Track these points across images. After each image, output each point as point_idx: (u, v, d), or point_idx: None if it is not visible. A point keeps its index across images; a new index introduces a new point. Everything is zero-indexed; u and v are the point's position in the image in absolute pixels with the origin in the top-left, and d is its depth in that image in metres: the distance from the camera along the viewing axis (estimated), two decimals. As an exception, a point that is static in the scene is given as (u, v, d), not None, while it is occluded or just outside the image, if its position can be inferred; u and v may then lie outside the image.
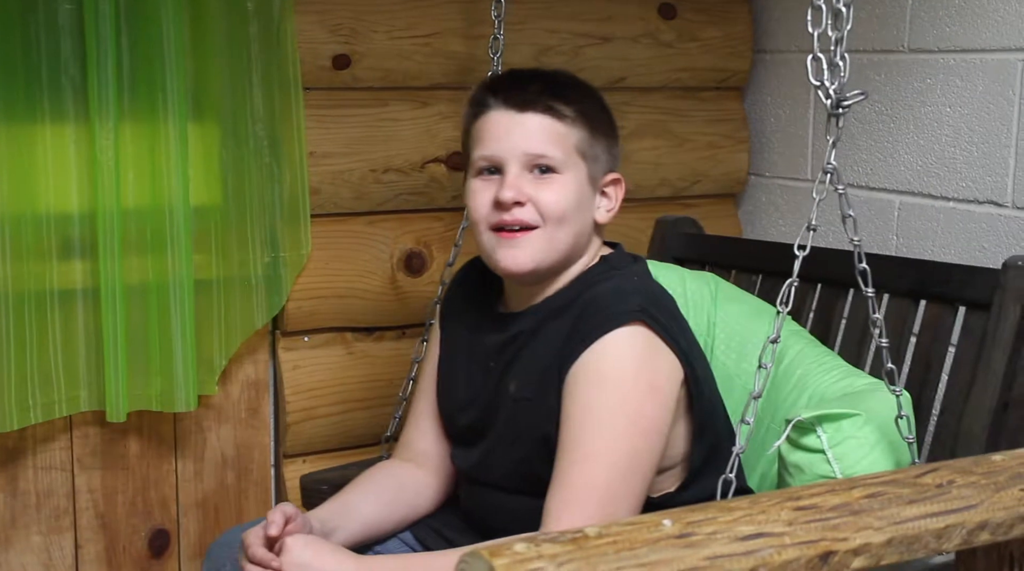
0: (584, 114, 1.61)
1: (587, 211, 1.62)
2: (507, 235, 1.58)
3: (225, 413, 2.28)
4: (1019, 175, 2.07)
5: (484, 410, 1.67)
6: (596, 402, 1.51)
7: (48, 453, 2.15)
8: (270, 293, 2.21)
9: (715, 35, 2.56)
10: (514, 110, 1.59)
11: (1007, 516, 1.08)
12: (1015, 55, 2.06)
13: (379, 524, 1.73)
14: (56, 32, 2.00)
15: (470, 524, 1.71)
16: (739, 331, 1.92)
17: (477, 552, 0.89)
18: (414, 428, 1.81)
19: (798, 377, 1.82)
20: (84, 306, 2.08)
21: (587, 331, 1.53)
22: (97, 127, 2.00)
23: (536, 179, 1.58)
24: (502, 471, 1.65)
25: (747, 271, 2.14)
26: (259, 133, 2.16)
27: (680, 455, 1.62)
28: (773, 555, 0.96)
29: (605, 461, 1.50)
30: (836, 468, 1.57)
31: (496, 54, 2.05)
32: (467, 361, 1.73)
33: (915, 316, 1.86)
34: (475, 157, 1.62)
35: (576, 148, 1.60)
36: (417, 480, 1.79)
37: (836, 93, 1.49)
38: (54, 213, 2.04)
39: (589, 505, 1.48)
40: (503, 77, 1.68)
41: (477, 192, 1.61)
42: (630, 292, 1.58)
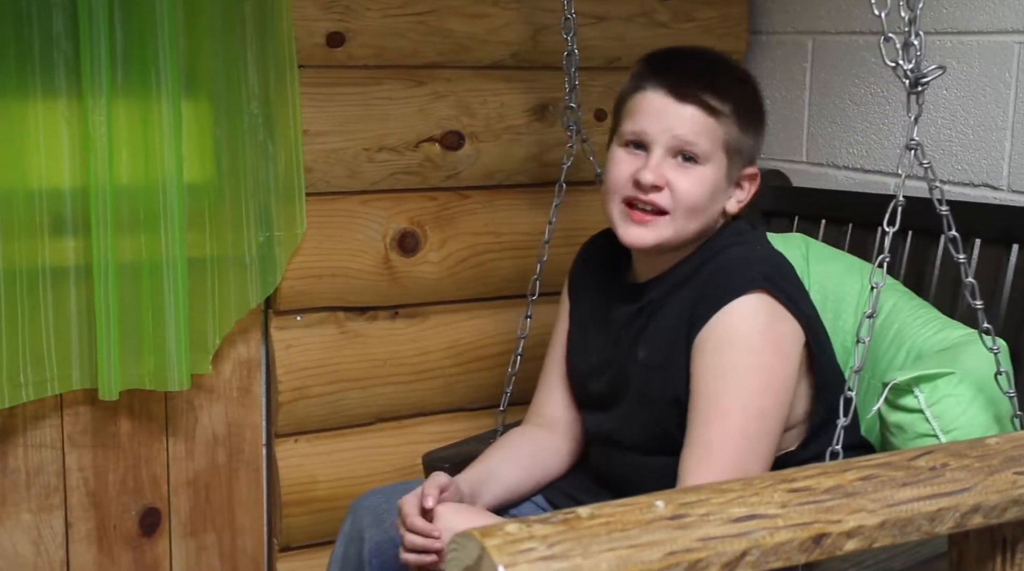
0: (738, 111, 1.65)
1: (719, 202, 1.67)
2: (637, 215, 1.64)
3: (217, 392, 2.27)
4: (1015, 158, 2.07)
5: (616, 377, 1.74)
6: (725, 364, 1.58)
7: (39, 431, 2.14)
8: (264, 272, 2.20)
9: (711, 15, 2.55)
10: (673, 97, 1.63)
11: (1000, 499, 1.08)
12: (1012, 37, 2.05)
13: (519, 487, 1.81)
14: (48, 7, 1.98)
15: (601, 485, 1.78)
16: (833, 289, 1.95)
17: (469, 533, 0.89)
18: (546, 395, 1.89)
19: (895, 332, 1.85)
20: (76, 284, 2.07)
21: (714, 298, 1.60)
22: (90, 103, 1.99)
23: (678, 165, 1.63)
24: (635, 433, 1.72)
25: (836, 222, 2.16)
26: (253, 111, 2.14)
27: (802, 415, 1.68)
28: (766, 537, 0.96)
29: (736, 419, 1.56)
30: (936, 426, 1.61)
31: (569, 34, 2.07)
32: (598, 330, 1.79)
33: (1007, 261, 1.87)
34: (625, 129, 1.66)
35: (723, 143, 1.64)
36: (550, 445, 1.86)
37: (913, 73, 1.52)
38: (46, 190, 2.03)
39: (723, 461, 1.54)
40: (669, 60, 1.70)
41: (619, 162, 1.66)
42: (754, 260, 1.64)
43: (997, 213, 1.94)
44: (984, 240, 1.90)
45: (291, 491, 2.31)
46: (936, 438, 1.61)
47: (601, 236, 1.87)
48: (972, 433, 1.60)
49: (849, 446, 1.58)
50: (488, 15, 2.32)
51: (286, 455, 2.31)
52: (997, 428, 1.63)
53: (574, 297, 1.87)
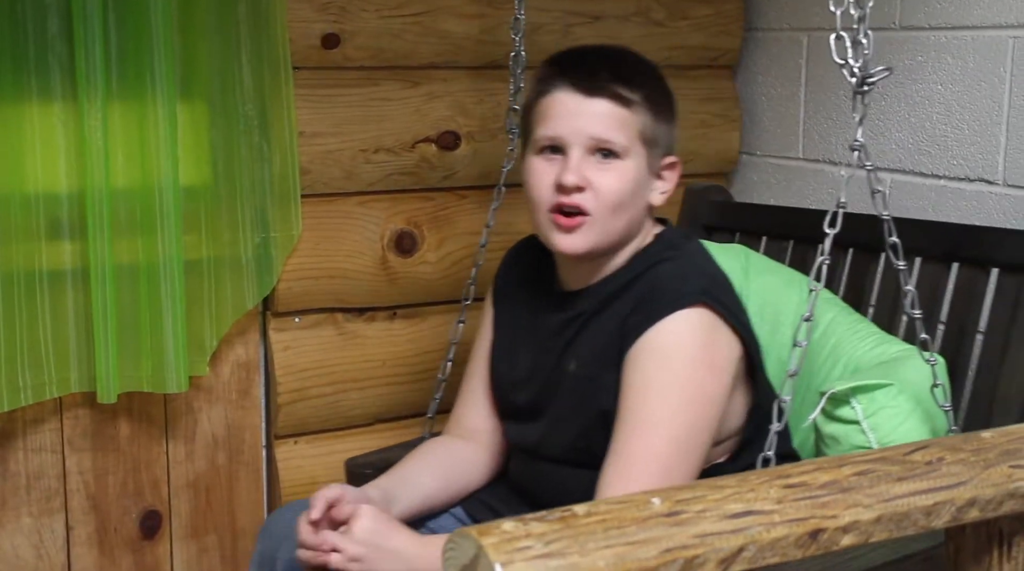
0: (649, 99, 1.63)
1: (643, 195, 1.65)
2: (564, 220, 1.60)
3: (216, 394, 2.27)
4: (1010, 153, 2.07)
5: (543, 387, 1.71)
6: (657, 376, 1.55)
7: (38, 435, 2.15)
8: (260, 273, 2.20)
9: (706, 13, 2.55)
10: (581, 94, 1.60)
11: (996, 493, 1.08)
12: (1006, 32, 2.06)
13: (437, 497, 1.78)
14: (43, 11, 1.98)
15: (522, 497, 1.75)
16: (772, 302, 1.94)
17: (466, 532, 0.89)
18: (467, 405, 1.86)
19: (832, 346, 1.84)
20: (74, 287, 2.08)
21: (651, 311, 1.57)
22: (85, 107, 1.99)
23: (598, 163, 1.60)
24: (560, 446, 1.69)
25: (778, 238, 2.15)
26: (249, 113, 2.15)
27: (734, 428, 1.66)
28: (762, 533, 0.96)
29: (664, 433, 1.54)
30: (872, 438, 1.60)
31: (518, 34, 2.05)
32: (526, 339, 1.76)
33: (947, 280, 1.86)
34: (538, 135, 1.63)
35: (640, 134, 1.62)
36: (470, 455, 1.83)
37: (861, 71, 1.51)
38: (42, 193, 2.03)
39: (646, 475, 1.51)
40: (571, 57, 1.68)
41: (538, 172, 1.63)
42: (692, 274, 1.62)
43: (939, 230, 1.92)
44: (925, 257, 1.88)
45: (291, 492, 2.31)
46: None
47: (526, 243, 1.83)
48: None
49: (779, 455, 1.55)
50: (483, 15, 2.32)
51: (286, 456, 2.31)
52: None
53: (499, 305, 1.83)
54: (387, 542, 1.53)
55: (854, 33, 1.50)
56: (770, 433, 1.51)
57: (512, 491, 1.79)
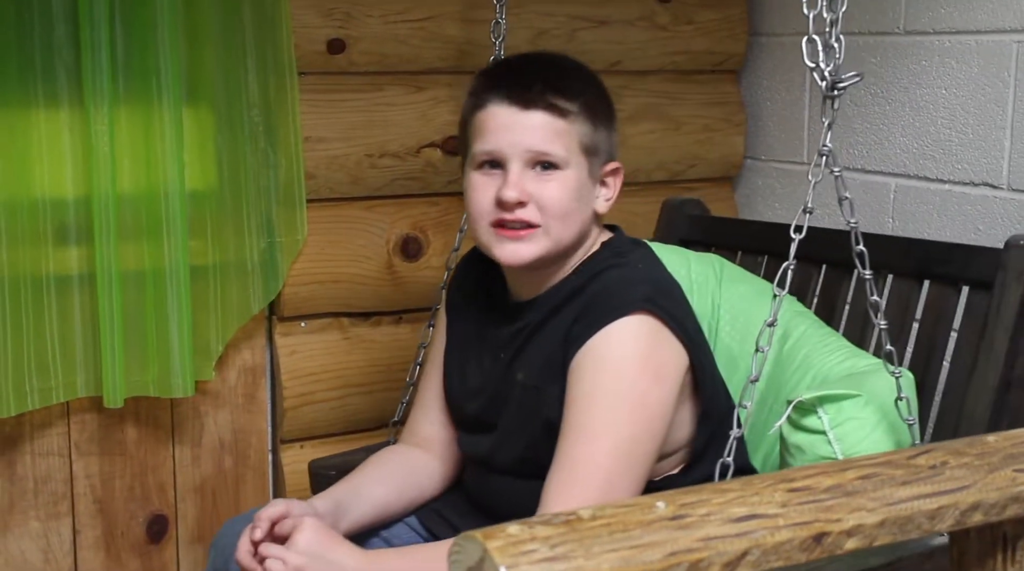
0: (586, 107, 1.60)
1: (588, 203, 1.62)
2: (508, 233, 1.58)
3: (222, 398, 2.28)
4: (1014, 157, 2.07)
5: (493, 399, 1.69)
6: (600, 386, 1.52)
7: (46, 439, 2.15)
8: (266, 278, 2.21)
9: (711, 18, 2.55)
10: (517, 107, 1.58)
11: (1000, 497, 1.08)
12: (1010, 36, 2.06)
13: (389, 507, 1.75)
14: (50, 17, 1.99)
15: (476, 508, 1.73)
16: (744, 311, 1.92)
17: (471, 535, 0.90)
18: (420, 414, 1.83)
19: (802, 358, 1.83)
20: (80, 292, 2.08)
21: (593, 319, 1.54)
22: (92, 112, 2.00)
23: (538, 176, 1.57)
24: (511, 458, 1.67)
25: (752, 252, 2.14)
26: (254, 118, 2.15)
27: (684, 439, 1.63)
28: (766, 536, 0.97)
29: (607, 443, 1.51)
30: (837, 449, 1.57)
31: (498, 39, 2.04)
32: (477, 350, 1.73)
33: (918, 296, 1.86)
34: (476, 150, 1.61)
35: (579, 143, 1.59)
36: (424, 465, 1.80)
37: (831, 75, 1.49)
38: (49, 199, 2.04)
39: (588, 486, 1.49)
40: (504, 70, 1.67)
41: (478, 187, 1.60)
42: (636, 281, 1.59)
43: (911, 247, 1.91)
44: (896, 274, 1.87)
45: (297, 496, 2.31)
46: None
47: (477, 253, 1.79)
48: None
49: (736, 471, 1.52)
50: (487, 20, 2.31)
51: (292, 460, 2.32)
52: None
53: (451, 316, 1.81)
54: (329, 554, 1.51)
55: (826, 37, 1.48)
56: (730, 439, 1.49)
57: (467, 502, 1.77)
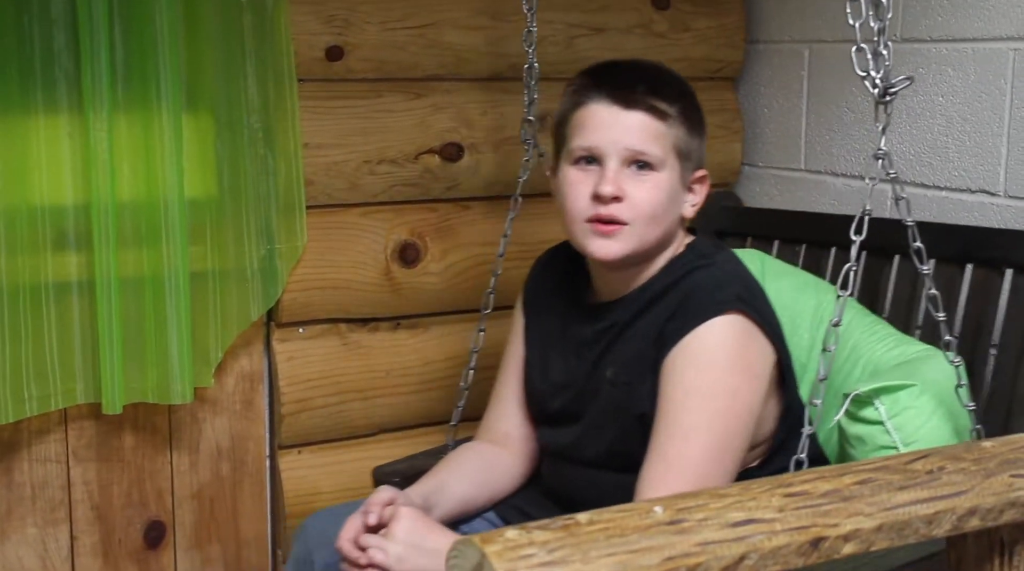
0: (683, 114, 1.66)
1: (676, 207, 1.68)
2: (601, 227, 1.63)
3: (220, 405, 2.28)
4: (1011, 164, 2.07)
5: (579, 393, 1.74)
6: (694, 382, 1.58)
7: (44, 445, 2.15)
8: (266, 285, 2.21)
9: (708, 25, 2.56)
10: (618, 106, 1.63)
11: (997, 502, 1.08)
12: (1007, 44, 2.06)
13: (471, 503, 1.80)
14: (49, 24, 2.00)
15: (553, 500, 1.78)
16: (788, 305, 1.95)
17: (469, 539, 0.90)
18: (499, 411, 1.89)
19: (851, 347, 1.86)
20: (79, 298, 2.08)
21: (687, 318, 1.60)
22: (91, 119, 2.00)
23: (634, 175, 1.63)
24: (596, 450, 1.72)
25: (790, 242, 2.17)
26: (254, 125, 2.16)
27: (767, 433, 1.69)
28: (764, 541, 0.97)
29: (701, 438, 1.56)
30: (896, 438, 1.62)
31: (530, 47, 2.06)
32: (560, 347, 1.78)
33: (962, 281, 1.88)
34: (574, 146, 1.66)
35: (674, 147, 1.65)
36: (502, 461, 1.86)
37: (882, 82, 1.53)
38: (48, 205, 2.04)
39: (683, 478, 1.53)
40: (608, 71, 1.71)
41: (574, 182, 1.65)
42: (726, 281, 1.65)
43: (953, 233, 1.94)
44: (940, 259, 1.89)
45: (295, 502, 2.32)
46: (896, 450, 1.61)
47: (554, 253, 1.86)
48: (932, 445, 1.59)
49: (809, 458, 1.56)
50: (486, 27, 2.33)
51: (289, 467, 2.32)
52: (956, 440, 1.63)
53: (529, 314, 1.86)
54: (426, 542, 1.55)
55: (874, 45, 1.52)
56: (802, 436, 1.53)
57: (544, 495, 1.82)
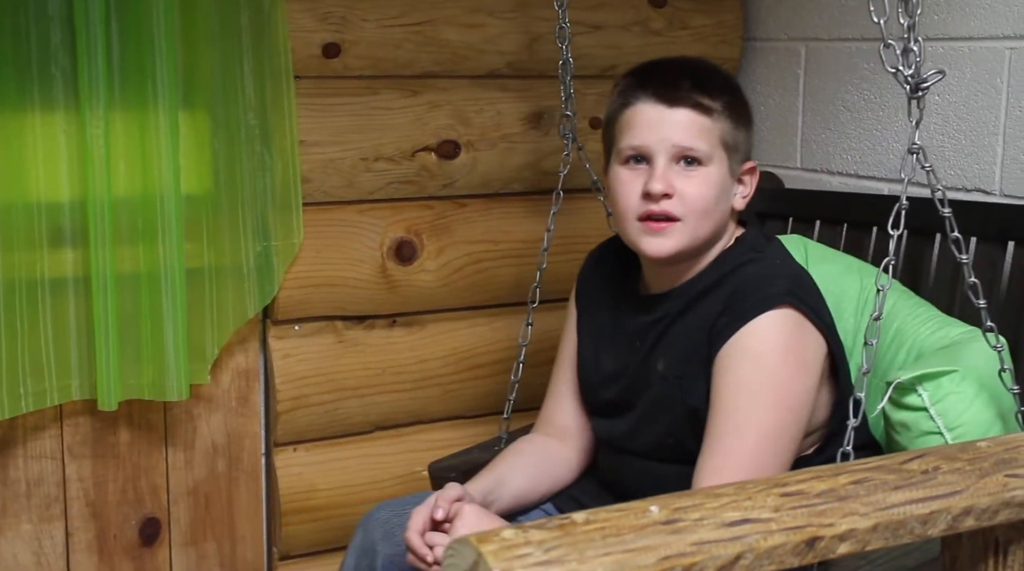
0: (729, 107, 1.68)
1: (727, 200, 1.70)
2: (653, 225, 1.65)
3: (216, 402, 2.28)
4: (1007, 163, 2.08)
5: (630, 385, 1.76)
6: (748, 377, 1.60)
7: (39, 442, 2.15)
8: (262, 282, 2.21)
9: (705, 23, 2.56)
10: (664, 104, 1.65)
11: (992, 502, 1.09)
12: (1003, 43, 2.07)
13: (528, 496, 1.82)
14: (46, 21, 1.99)
15: (609, 491, 1.80)
16: (833, 291, 1.95)
17: (466, 539, 0.90)
18: (555, 404, 1.91)
19: (895, 331, 1.87)
20: (75, 295, 2.08)
21: (739, 312, 1.61)
22: (87, 116, 2.00)
23: (682, 171, 1.65)
24: (648, 441, 1.74)
25: (831, 223, 2.17)
26: (250, 122, 2.15)
27: (820, 421, 1.71)
28: (759, 541, 0.97)
29: (755, 431, 1.59)
30: (940, 424, 1.63)
31: (564, 43, 2.08)
32: (611, 339, 1.80)
33: (1005, 258, 1.88)
34: (622, 145, 1.68)
35: (721, 140, 1.67)
36: (559, 454, 1.88)
37: (913, 78, 1.54)
38: (44, 202, 2.04)
39: (739, 471, 1.54)
40: (652, 70, 1.72)
41: (625, 181, 1.67)
42: (777, 276, 1.67)
43: (993, 211, 1.96)
44: (980, 238, 1.91)
45: (290, 500, 2.32)
46: (941, 435, 1.62)
47: (607, 246, 1.88)
48: (976, 430, 1.62)
49: (860, 446, 1.60)
50: (483, 25, 2.33)
51: (285, 464, 2.32)
52: (1001, 424, 1.64)
53: (582, 307, 1.88)
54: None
55: (904, 41, 1.53)
56: (848, 428, 1.54)
57: (601, 485, 1.84)
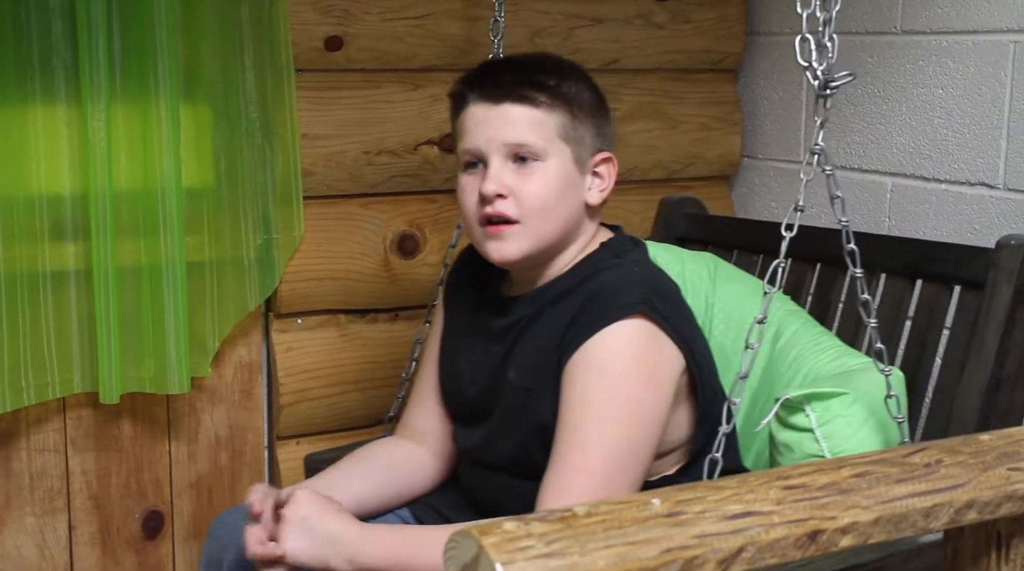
0: (562, 97, 1.60)
1: (575, 195, 1.62)
2: (492, 229, 1.59)
3: (218, 395, 2.28)
4: (1011, 157, 2.07)
5: (485, 393, 1.69)
6: (595, 390, 1.52)
7: (42, 435, 2.15)
8: (263, 275, 2.21)
9: (708, 17, 2.55)
10: (490, 102, 1.59)
11: (994, 495, 1.09)
12: (1007, 36, 2.06)
13: (366, 502, 1.73)
14: (47, 13, 1.99)
15: (469, 503, 1.73)
16: (737, 310, 1.92)
17: (467, 530, 0.90)
18: (416, 407, 1.83)
19: (793, 357, 1.83)
20: (77, 288, 2.08)
21: (589, 322, 1.54)
22: (89, 109, 2.00)
23: (518, 169, 1.58)
24: (501, 454, 1.67)
25: (749, 251, 2.15)
26: (251, 115, 2.15)
27: (681, 439, 1.63)
28: (761, 534, 0.97)
29: (602, 448, 1.51)
30: (824, 447, 1.57)
31: (497, 36, 2.04)
32: (470, 342, 1.74)
33: (911, 296, 1.86)
34: (460, 151, 1.63)
35: (557, 133, 1.59)
36: (415, 458, 1.80)
37: (824, 74, 1.49)
38: (46, 195, 2.04)
39: (585, 490, 1.48)
40: (478, 70, 1.68)
41: (464, 187, 1.62)
42: (632, 283, 1.58)
43: (904, 246, 1.92)
44: (889, 273, 1.88)
45: (293, 493, 2.32)
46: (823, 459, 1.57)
47: (473, 248, 1.77)
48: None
49: (727, 471, 1.51)
50: (485, 18, 2.32)
51: (288, 457, 2.32)
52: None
53: (448, 307, 1.81)
54: (321, 526, 1.52)
55: (819, 36, 1.48)
56: (718, 435, 1.49)
57: (460, 496, 1.77)
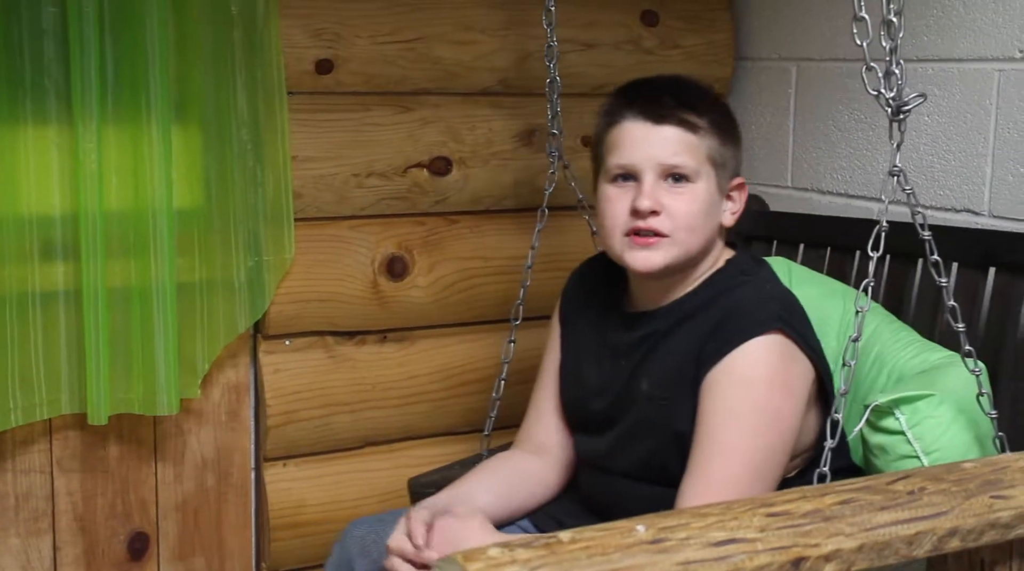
0: (715, 124, 1.69)
1: (715, 216, 1.71)
2: (640, 240, 1.66)
3: (205, 416, 2.28)
4: (995, 184, 2.09)
5: (613, 403, 1.75)
6: (735, 401, 1.60)
7: (28, 455, 2.15)
8: (253, 297, 2.21)
9: (697, 42, 2.57)
10: (650, 122, 1.67)
11: (977, 523, 1.09)
12: (991, 64, 2.08)
13: (497, 512, 1.79)
14: (39, 35, 2.00)
15: (589, 510, 1.79)
16: (815, 313, 1.96)
17: (452, 557, 0.90)
18: (534, 420, 1.90)
19: (876, 354, 1.87)
20: (66, 309, 2.08)
21: (728, 336, 1.62)
22: (80, 130, 2.01)
23: (670, 188, 1.66)
24: (630, 461, 1.74)
25: (815, 246, 2.19)
26: (243, 137, 2.16)
27: (807, 445, 1.71)
28: (745, 561, 0.97)
29: (741, 456, 1.59)
30: (917, 447, 1.64)
31: (551, 60, 2.08)
32: (595, 355, 1.80)
33: (985, 284, 1.89)
34: (610, 164, 1.69)
35: (707, 157, 1.68)
36: (536, 470, 1.87)
37: (895, 101, 1.56)
38: (36, 216, 2.04)
39: (723, 494, 1.53)
40: (637, 88, 1.74)
41: (613, 199, 1.68)
42: (767, 300, 1.68)
43: (975, 237, 1.97)
44: (962, 264, 1.92)
45: (279, 515, 2.32)
46: (918, 459, 1.63)
47: (593, 262, 1.89)
48: (954, 454, 1.62)
49: (839, 469, 1.60)
50: (476, 42, 2.34)
51: (275, 479, 2.32)
52: (978, 448, 1.65)
53: (566, 323, 1.88)
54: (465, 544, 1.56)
55: (887, 64, 1.54)
56: (825, 450, 1.55)
57: (581, 504, 1.83)
